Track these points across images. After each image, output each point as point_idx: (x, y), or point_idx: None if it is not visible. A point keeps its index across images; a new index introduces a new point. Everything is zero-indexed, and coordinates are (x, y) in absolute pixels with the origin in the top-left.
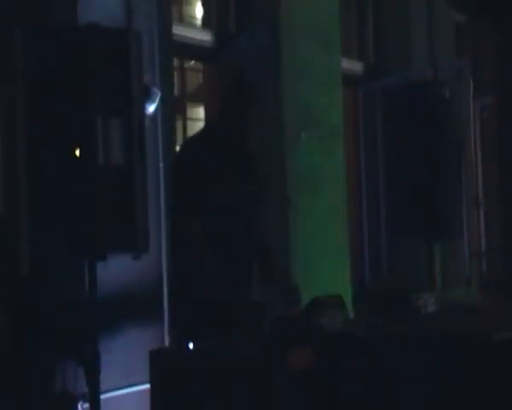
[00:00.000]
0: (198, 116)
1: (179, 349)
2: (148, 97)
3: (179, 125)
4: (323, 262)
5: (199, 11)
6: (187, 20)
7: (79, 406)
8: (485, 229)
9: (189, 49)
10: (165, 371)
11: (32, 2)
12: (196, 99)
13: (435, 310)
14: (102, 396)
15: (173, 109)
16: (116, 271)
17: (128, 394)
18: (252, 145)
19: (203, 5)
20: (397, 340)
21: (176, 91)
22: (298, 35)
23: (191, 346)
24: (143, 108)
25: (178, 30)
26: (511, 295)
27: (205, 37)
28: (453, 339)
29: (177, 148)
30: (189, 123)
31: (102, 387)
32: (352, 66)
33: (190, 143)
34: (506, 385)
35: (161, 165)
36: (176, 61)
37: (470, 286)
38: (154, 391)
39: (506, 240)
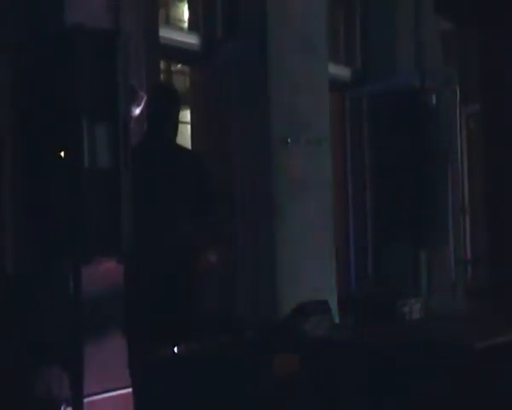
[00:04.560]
0: (184, 119)
1: (163, 354)
2: (134, 100)
3: None
4: (309, 267)
5: (186, 14)
6: (174, 23)
7: (62, 409)
8: (471, 236)
9: (176, 52)
10: (149, 375)
11: (18, 4)
12: (183, 102)
13: (420, 317)
14: (85, 400)
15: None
16: (101, 273)
17: (111, 397)
18: None
19: (190, 8)
20: (381, 346)
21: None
22: (285, 40)
23: (176, 350)
24: (129, 111)
25: (165, 33)
26: (496, 302)
27: (192, 40)
28: (438, 346)
29: None
30: None
31: (85, 391)
32: (340, 71)
33: None
34: (490, 392)
35: None
36: (162, 64)
37: (455, 293)
38: (137, 395)
39: (491, 247)
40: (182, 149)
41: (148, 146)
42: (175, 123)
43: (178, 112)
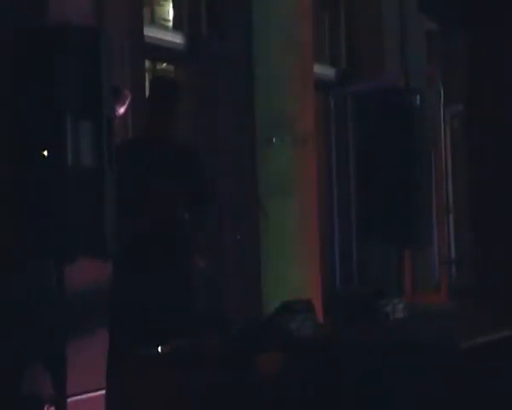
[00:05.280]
0: None
1: (147, 353)
2: (118, 99)
3: None
4: (294, 266)
5: (170, 13)
6: (158, 22)
7: (46, 409)
8: (455, 236)
9: (161, 51)
10: (136, 376)
11: (1, 1)
12: None
13: (404, 316)
14: (69, 399)
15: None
16: (85, 271)
17: (94, 397)
18: None
19: (174, 7)
20: (365, 346)
21: (147, 94)
22: (270, 40)
23: (160, 350)
24: (113, 110)
25: (150, 31)
26: (480, 301)
27: (176, 39)
28: (421, 346)
29: None
30: None
31: (69, 390)
32: (324, 71)
33: None
34: (474, 392)
35: None
36: (147, 63)
37: (439, 292)
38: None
39: (475, 247)
40: (180, 145)
41: (146, 141)
42: (174, 117)
43: (177, 106)
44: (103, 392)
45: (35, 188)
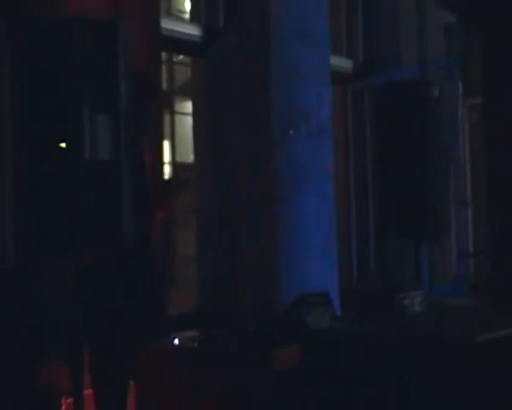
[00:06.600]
0: (186, 110)
1: (162, 347)
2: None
3: (167, 119)
4: (311, 260)
5: (187, 5)
6: (175, 14)
7: (63, 401)
8: (473, 230)
9: (178, 43)
10: (148, 369)
11: None
12: (184, 93)
13: (421, 310)
14: (86, 391)
15: (161, 103)
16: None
17: None
18: None
19: None
20: (382, 339)
21: (164, 85)
22: (287, 31)
23: (176, 343)
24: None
25: (167, 23)
26: (497, 296)
27: (193, 31)
28: (438, 340)
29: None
30: (176, 117)
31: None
32: (342, 63)
33: None
34: (490, 387)
35: None
36: (164, 55)
37: (457, 286)
38: (138, 388)
39: (493, 241)
40: None
41: None
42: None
43: (151, 106)
44: None
45: (52, 181)
